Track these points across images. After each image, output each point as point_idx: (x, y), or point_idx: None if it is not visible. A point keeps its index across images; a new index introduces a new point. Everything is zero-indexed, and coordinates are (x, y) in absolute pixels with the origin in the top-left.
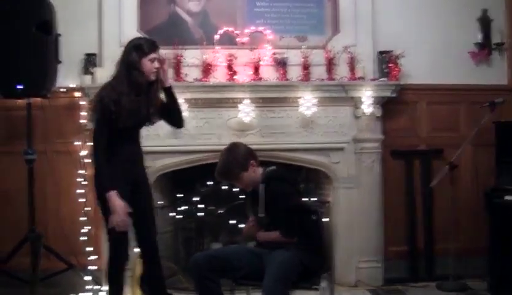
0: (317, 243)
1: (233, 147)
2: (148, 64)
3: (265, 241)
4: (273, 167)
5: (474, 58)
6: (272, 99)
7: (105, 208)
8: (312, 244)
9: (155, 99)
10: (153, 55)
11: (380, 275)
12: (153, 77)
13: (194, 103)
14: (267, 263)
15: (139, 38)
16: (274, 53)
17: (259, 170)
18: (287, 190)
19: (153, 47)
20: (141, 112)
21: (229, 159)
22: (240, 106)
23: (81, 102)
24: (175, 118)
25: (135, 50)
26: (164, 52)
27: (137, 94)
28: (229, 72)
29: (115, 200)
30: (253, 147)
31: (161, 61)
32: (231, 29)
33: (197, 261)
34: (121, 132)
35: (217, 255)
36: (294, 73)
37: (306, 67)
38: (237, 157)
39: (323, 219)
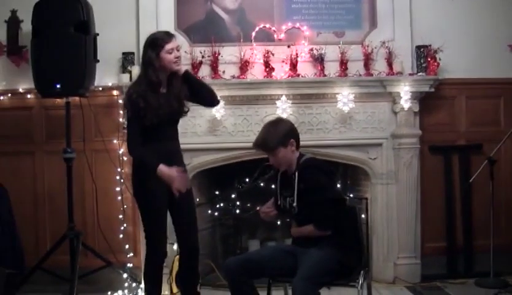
0: (354, 239)
1: (278, 121)
2: (167, 56)
3: (299, 237)
4: (310, 155)
5: None
6: (309, 95)
7: (142, 205)
8: (348, 240)
9: (180, 88)
10: (169, 46)
11: (418, 271)
12: (176, 67)
13: (231, 100)
14: (301, 263)
15: (153, 33)
16: (312, 49)
17: (297, 153)
18: (323, 182)
19: (168, 37)
20: (169, 106)
21: (270, 130)
22: (277, 103)
23: (119, 101)
24: (207, 98)
25: (151, 47)
26: (202, 50)
27: (160, 90)
28: (267, 69)
29: (167, 170)
30: None
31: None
32: (268, 25)
33: (229, 266)
34: (155, 130)
35: (249, 258)
36: (332, 69)
37: (343, 62)
38: (279, 130)
39: (361, 216)
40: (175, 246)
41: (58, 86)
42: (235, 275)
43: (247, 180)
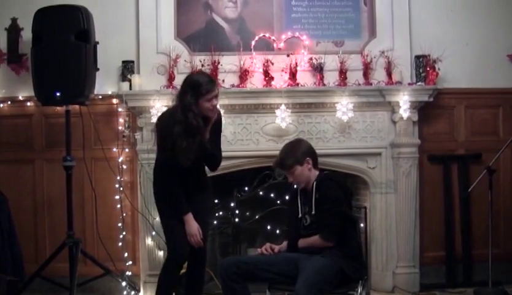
0: (356, 250)
1: (296, 142)
2: (206, 104)
3: (304, 247)
4: (328, 172)
5: None
6: (309, 104)
7: (164, 213)
8: (351, 252)
9: (207, 134)
10: (210, 95)
11: (417, 280)
12: (211, 114)
13: (231, 109)
14: (303, 268)
15: (197, 76)
16: (311, 58)
17: (315, 172)
18: (336, 194)
19: (211, 86)
20: (196, 151)
21: (287, 150)
22: (277, 112)
23: (119, 109)
24: (212, 162)
25: (191, 90)
26: (202, 58)
27: (193, 134)
28: (266, 78)
29: (192, 223)
30: None
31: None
32: (267, 35)
33: (225, 264)
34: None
35: (246, 260)
36: (331, 78)
37: (342, 72)
38: (296, 150)
39: (360, 225)
40: None
41: (58, 94)
42: (229, 273)
43: (247, 189)
